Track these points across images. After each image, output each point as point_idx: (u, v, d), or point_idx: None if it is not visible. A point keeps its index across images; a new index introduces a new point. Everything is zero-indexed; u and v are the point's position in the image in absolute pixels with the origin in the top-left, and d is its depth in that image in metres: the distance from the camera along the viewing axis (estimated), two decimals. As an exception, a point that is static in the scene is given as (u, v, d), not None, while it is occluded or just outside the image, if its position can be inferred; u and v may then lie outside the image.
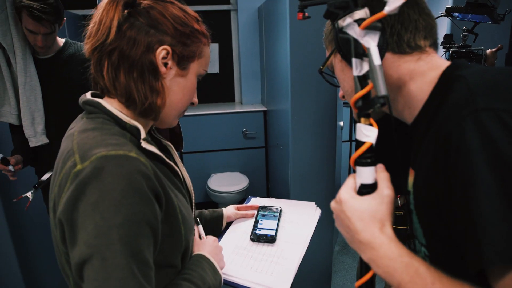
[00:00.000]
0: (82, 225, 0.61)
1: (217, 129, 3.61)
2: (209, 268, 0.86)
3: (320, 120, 2.23)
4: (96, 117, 0.73)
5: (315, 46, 2.10)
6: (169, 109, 0.78)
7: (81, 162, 0.63)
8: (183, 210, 0.78)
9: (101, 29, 0.71)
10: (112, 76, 0.73)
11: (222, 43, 3.91)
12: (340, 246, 3.20)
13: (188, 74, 0.78)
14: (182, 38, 0.75)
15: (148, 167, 0.66)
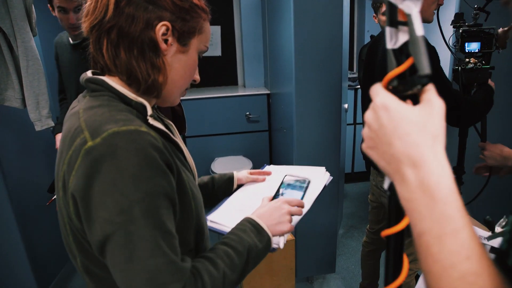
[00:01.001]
0: (100, 203, 0.61)
1: (220, 112, 3.59)
2: (252, 230, 0.84)
3: (324, 103, 2.21)
4: (101, 95, 0.72)
5: (320, 27, 2.07)
6: (171, 86, 0.77)
7: (91, 138, 0.62)
8: (192, 186, 0.78)
9: (98, 6, 0.70)
10: (112, 54, 0.71)
11: (224, 26, 3.85)
12: (344, 229, 3.21)
13: (189, 51, 0.77)
14: (182, 14, 0.73)
15: (159, 141, 0.66)
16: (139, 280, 0.62)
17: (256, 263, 0.83)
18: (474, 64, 1.56)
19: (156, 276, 0.63)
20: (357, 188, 3.99)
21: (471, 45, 1.58)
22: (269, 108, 3.63)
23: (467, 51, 1.58)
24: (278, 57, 2.82)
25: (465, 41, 1.57)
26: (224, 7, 3.82)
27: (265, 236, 0.84)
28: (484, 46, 1.57)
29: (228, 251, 0.78)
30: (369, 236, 2.20)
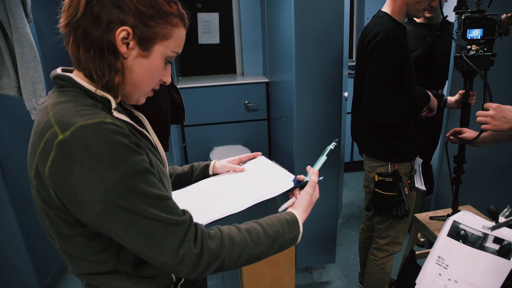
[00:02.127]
0: (84, 188, 0.67)
1: (219, 101, 3.56)
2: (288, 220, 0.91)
3: (324, 91, 2.18)
4: (68, 90, 0.77)
5: (320, 14, 2.03)
6: (132, 88, 0.80)
7: (61, 132, 0.67)
8: (160, 172, 0.84)
9: (72, 4, 0.73)
10: (74, 52, 0.76)
11: (222, 13, 3.80)
12: (344, 219, 3.21)
13: (151, 55, 0.78)
14: (144, 20, 0.75)
15: (124, 129, 0.72)
16: (139, 242, 0.72)
17: (279, 249, 0.89)
18: (476, 51, 1.53)
19: (152, 235, 0.72)
20: (356, 177, 3.98)
21: (473, 32, 1.54)
22: (268, 97, 3.60)
23: (468, 37, 1.55)
24: (278, 45, 2.78)
25: (467, 27, 1.54)
26: (222, -7, 3.76)
27: (296, 230, 0.92)
28: (487, 32, 1.53)
29: (257, 228, 0.86)
30: (365, 223, 2.20)
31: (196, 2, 3.74)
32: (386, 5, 1.69)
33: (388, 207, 1.78)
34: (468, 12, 1.55)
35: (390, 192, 1.78)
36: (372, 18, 1.73)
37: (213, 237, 0.80)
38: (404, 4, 1.63)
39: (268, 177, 1.09)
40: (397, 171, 1.77)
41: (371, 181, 1.88)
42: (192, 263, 0.76)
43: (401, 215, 1.76)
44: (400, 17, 1.67)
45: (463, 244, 1.16)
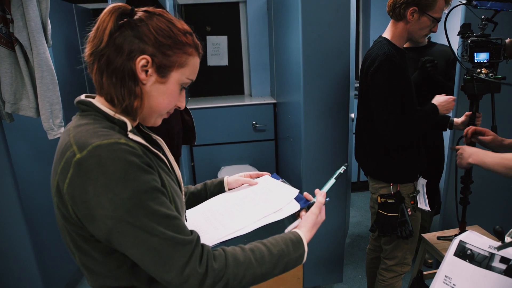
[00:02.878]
0: (97, 204, 0.72)
1: (227, 121, 3.62)
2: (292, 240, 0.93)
3: (332, 112, 2.23)
4: (88, 114, 0.83)
5: (327, 37, 2.10)
6: (149, 111, 0.87)
7: (79, 151, 0.73)
8: (172, 191, 0.87)
9: (97, 35, 0.81)
10: (97, 79, 0.83)
11: (231, 36, 3.90)
12: (351, 239, 3.22)
13: (168, 82, 0.85)
14: (163, 49, 0.82)
15: (137, 149, 0.77)
16: (147, 260, 0.75)
17: (284, 269, 0.90)
18: (486, 75, 1.57)
19: (159, 253, 0.75)
20: (363, 197, 3.99)
21: (480, 55, 1.59)
22: (275, 117, 3.66)
23: (476, 61, 1.59)
24: (286, 66, 2.85)
25: (474, 51, 1.59)
26: (231, 17, 3.87)
27: (301, 249, 0.93)
28: (493, 56, 1.58)
29: (261, 248, 0.88)
30: (372, 243, 2.21)
31: (206, 25, 3.86)
32: (386, 31, 1.75)
33: (392, 227, 1.80)
34: (473, 36, 1.60)
35: (393, 213, 1.80)
36: (373, 44, 1.79)
37: (217, 258, 0.82)
38: (405, 30, 1.68)
39: (276, 197, 1.11)
40: (399, 192, 1.80)
41: (374, 202, 1.91)
42: (197, 283, 0.77)
43: (405, 236, 1.77)
44: (400, 43, 1.72)
45: (470, 264, 1.18)
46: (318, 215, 1.02)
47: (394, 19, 1.71)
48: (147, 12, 0.84)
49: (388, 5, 1.71)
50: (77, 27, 3.04)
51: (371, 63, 1.66)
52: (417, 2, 1.61)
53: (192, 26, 0.90)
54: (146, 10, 0.85)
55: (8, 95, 1.76)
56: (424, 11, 1.62)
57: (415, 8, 1.62)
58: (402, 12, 1.65)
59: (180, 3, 3.72)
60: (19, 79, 1.77)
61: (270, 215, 1.02)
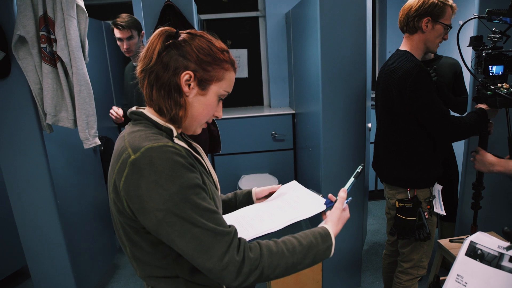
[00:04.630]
0: (149, 198, 0.82)
1: (247, 132, 3.74)
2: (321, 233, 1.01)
3: (349, 122, 2.32)
4: (139, 122, 0.96)
5: (344, 49, 2.20)
6: (191, 120, 0.98)
7: (134, 153, 0.85)
8: (212, 191, 0.98)
9: (147, 55, 0.94)
10: (148, 92, 0.96)
11: (250, 49, 4.04)
12: (369, 246, 3.27)
13: (207, 94, 0.97)
14: (203, 65, 0.94)
15: (182, 151, 0.87)
16: (190, 248, 0.84)
17: (314, 260, 0.98)
18: (507, 89, 1.60)
19: (202, 243, 0.84)
20: (381, 205, 4.03)
21: (494, 68, 1.63)
22: (294, 127, 3.77)
23: (491, 74, 1.64)
24: (304, 78, 2.96)
25: (488, 64, 1.63)
26: (251, 31, 4.02)
27: (329, 241, 1.01)
28: (507, 68, 1.63)
29: (292, 240, 0.97)
30: (388, 248, 2.27)
31: (226, 39, 4.01)
32: (404, 45, 1.84)
33: (411, 231, 1.87)
34: (487, 48, 1.66)
35: (411, 217, 1.87)
36: (394, 56, 1.86)
37: (253, 249, 0.90)
38: (421, 41, 1.78)
39: (301, 201, 1.20)
40: (416, 196, 1.87)
41: (391, 207, 1.99)
42: (235, 270, 0.85)
43: (423, 238, 1.85)
44: (418, 54, 1.81)
45: (480, 263, 1.25)
46: (342, 210, 1.10)
47: (409, 33, 1.80)
48: (190, 34, 0.97)
49: (400, 21, 1.82)
50: (105, 42, 3.22)
51: (405, 76, 1.70)
52: (430, 12, 1.71)
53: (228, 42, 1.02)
54: (189, 32, 0.98)
55: (50, 108, 1.92)
56: (437, 19, 1.72)
57: (429, 18, 1.72)
58: (416, 24, 1.74)
59: (203, 18, 3.88)
60: (60, 93, 1.93)
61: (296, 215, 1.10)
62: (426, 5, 1.71)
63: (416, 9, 1.73)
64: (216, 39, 1.00)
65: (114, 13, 3.77)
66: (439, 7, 1.71)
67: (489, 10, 1.58)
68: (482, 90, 1.66)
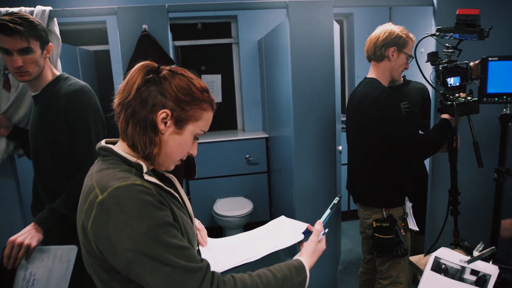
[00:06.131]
0: (118, 238, 0.81)
1: (221, 156, 3.78)
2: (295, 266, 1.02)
3: (320, 145, 2.40)
4: (108, 159, 0.94)
5: (315, 74, 2.31)
6: (165, 158, 0.96)
7: (101, 193, 0.84)
8: (185, 224, 0.96)
9: (126, 88, 0.93)
10: (123, 126, 0.94)
11: (224, 74, 4.13)
12: (343, 266, 3.32)
13: (184, 133, 0.95)
14: (182, 105, 0.93)
15: (151, 189, 0.87)
16: (162, 286, 0.83)
17: None
18: (465, 98, 1.74)
19: (173, 281, 0.83)
20: (354, 226, 4.11)
21: (452, 80, 1.78)
22: (267, 151, 3.84)
23: (449, 85, 1.78)
24: (277, 103, 3.05)
25: (446, 76, 1.77)
26: (225, 57, 4.12)
27: (303, 274, 1.02)
28: (463, 79, 1.77)
29: (267, 273, 0.97)
30: (364, 266, 2.33)
31: (200, 65, 4.09)
32: (371, 72, 1.99)
33: (389, 248, 1.95)
34: (443, 62, 1.78)
35: (389, 235, 1.95)
36: (362, 83, 1.99)
37: (227, 283, 0.90)
38: (387, 69, 1.93)
39: (283, 230, 1.23)
40: (391, 215, 1.96)
41: (367, 227, 2.06)
42: None
43: (401, 254, 1.92)
44: (385, 81, 1.96)
45: (444, 277, 1.32)
46: (317, 243, 1.12)
47: (376, 61, 1.95)
48: (171, 71, 0.96)
49: (368, 50, 1.97)
50: (79, 68, 3.23)
51: (375, 101, 1.83)
52: (396, 43, 1.89)
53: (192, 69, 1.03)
54: (170, 69, 0.97)
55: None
56: (401, 49, 1.90)
57: (395, 48, 1.89)
58: (383, 53, 1.91)
59: (177, 45, 3.96)
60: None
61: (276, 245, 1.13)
62: (392, 36, 1.88)
63: (383, 39, 1.90)
64: (196, 77, 1.00)
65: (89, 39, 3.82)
66: (403, 39, 1.90)
67: (438, 28, 1.72)
68: (443, 101, 1.78)
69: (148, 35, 2.08)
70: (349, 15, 4.19)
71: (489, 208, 1.65)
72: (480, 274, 1.27)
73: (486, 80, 1.77)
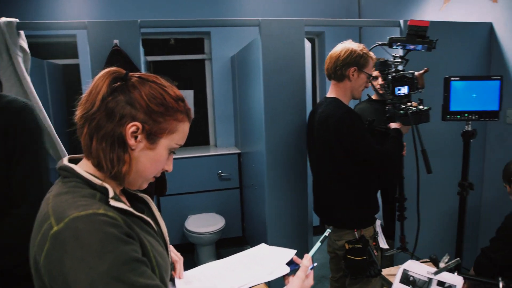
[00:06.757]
0: (74, 278, 0.69)
1: (193, 171, 3.75)
2: None
3: (292, 161, 2.43)
4: (69, 180, 0.81)
5: (286, 90, 2.34)
6: (136, 176, 0.85)
7: (56, 224, 0.71)
8: (156, 254, 0.85)
9: (89, 99, 0.81)
10: (87, 142, 0.81)
11: (197, 89, 4.14)
12: (316, 280, 3.32)
13: (157, 148, 0.84)
14: (154, 116, 0.82)
15: (117, 219, 0.75)
16: None
17: None
18: (416, 107, 1.80)
19: None
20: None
21: (401, 89, 1.83)
22: (240, 167, 3.83)
23: (397, 94, 1.83)
24: (249, 119, 3.07)
25: (395, 85, 1.83)
26: (198, 73, 4.13)
27: None
28: (410, 88, 1.84)
29: None
30: (333, 284, 2.31)
31: (173, 80, 4.07)
32: (332, 91, 1.96)
33: (362, 269, 1.90)
34: (392, 72, 1.84)
35: (362, 256, 1.90)
36: (323, 103, 1.97)
37: None
38: (347, 89, 1.92)
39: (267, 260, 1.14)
40: (363, 236, 1.93)
41: (338, 248, 2.02)
42: None
43: (375, 274, 1.87)
44: (346, 100, 1.95)
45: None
46: (305, 279, 1.01)
47: (336, 80, 1.93)
48: (141, 78, 0.85)
49: (328, 69, 1.94)
50: (47, 81, 3.16)
51: (340, 122, 1.81)
52: (357, 62, 1.86)
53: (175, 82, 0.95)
54: (140, 76, 0.86)
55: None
56: (362, 69, 1.88)
57: (355, 68, 1.87)
58: (343, 72, 1.88)
59: (149, 60, 3.94)
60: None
61: (260, 277, 1.04)
62: (353, 56, 1.86)
63: (344, 58, 1.87)
64: (170, 85, 0.88)
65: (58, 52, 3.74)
66: (364, 58, 1.87)
67: (390, 38, 1.79)
68: (394, 110, 1.83)
69: (119, 50, 2.06)
70: (321, 33, 4.30)
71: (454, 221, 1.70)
72: (446, 285, 1.31)
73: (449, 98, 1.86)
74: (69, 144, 2.54)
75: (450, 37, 2.45)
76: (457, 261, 1.35)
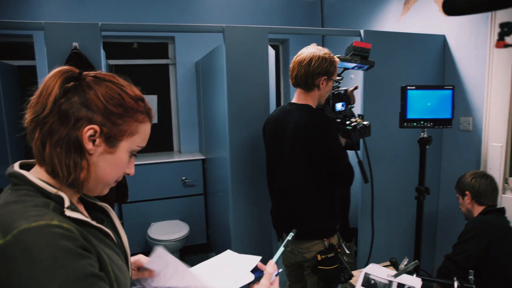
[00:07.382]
0: None
1: (157, 178, 3.68)
2: None
3: (256, 167, 2.43)
4: (20, 188, 0.74)
5: (250, 96, 2.35)
6: (95, 182, 0.80)
7: (3, 236, 0.64)
8: (115, 268, 0.79)
9: (39, 101, 0.75)
10: (38, 149, 0.75)
11: (160, 95, 4.07)
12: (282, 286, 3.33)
13: (117, 151, 0.79)
14: (112, 118, 0.77)
15: (72, 231, 0.69)
16: None
17: None
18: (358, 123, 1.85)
19: None
20: (290, 247, 4.16)
21: (338, 105, 1.93)
22: (204, 173, 3.80)
23: (337, 110, 1.92)
24: (213, 124, 3.06)
25: (334, 102, 1.91)
26: (161, 78, 4.07)
27: None
28: (346, 104, 1.94)
29: None
30: None
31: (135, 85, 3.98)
32: (302, 99, 1.89)
33: (336, 277, 1.85)
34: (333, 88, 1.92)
35: (334, 265, 1.86)
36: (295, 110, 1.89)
37: None
38: (316, 97, 1.87)
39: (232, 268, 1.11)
40: (332, 244, 1.89)
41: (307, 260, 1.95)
42: None
43: (347, 279, 1.84)
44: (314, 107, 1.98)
45: (374, 292, 1.39)
46: (269, 286, 0.99)
47: (305, 90, 1.86)
48: (96, 78, 0.79)
49: (297, 77, 1.85)
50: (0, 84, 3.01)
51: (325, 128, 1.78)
52: (327, 71, 1.81)
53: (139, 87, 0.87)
54: (95, 75, 0.80)
55: None
56: (331, 77, 1.84)
57: (325, 77, 1.82)
58: (314, 82, 1.82)
59: (111, 63, 3.85)
60: None
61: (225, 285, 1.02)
62: (324, 65, 1.80)
63: (315, 67, 1.79)
64: (129, 84, 0.83)
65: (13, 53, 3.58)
66: (333, 65, 1.83)
67: (338, 56, 1.86)
68: (341, 126, 1.88)
69: (79, 53, 2.00)
70: (285, 41, 4.36)
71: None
72: (405, 287, 1.35)
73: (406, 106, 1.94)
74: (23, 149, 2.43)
75: (407, 47, 2.56)
76: (415, 263, 1.39)
